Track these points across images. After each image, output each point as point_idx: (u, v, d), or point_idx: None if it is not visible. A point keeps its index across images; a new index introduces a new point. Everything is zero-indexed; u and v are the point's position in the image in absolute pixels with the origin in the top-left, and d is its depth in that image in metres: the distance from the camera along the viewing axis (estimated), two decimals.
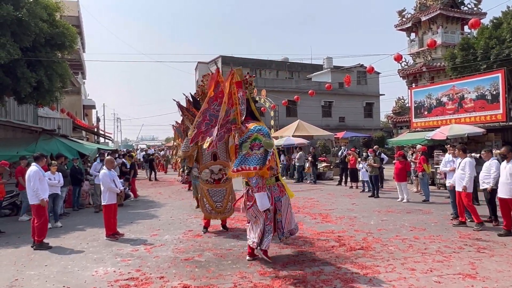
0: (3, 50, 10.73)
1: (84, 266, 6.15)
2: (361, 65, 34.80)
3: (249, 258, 6.21)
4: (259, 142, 5.79)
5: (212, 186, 8.24)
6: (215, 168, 8.21)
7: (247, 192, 6.09)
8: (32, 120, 17.40)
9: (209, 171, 8.22)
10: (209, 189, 8.24)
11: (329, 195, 13.60)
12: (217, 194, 8.25)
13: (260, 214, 5.91)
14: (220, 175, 8.23)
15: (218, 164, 8.20)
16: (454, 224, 8.40)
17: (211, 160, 8.22)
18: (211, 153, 8.09)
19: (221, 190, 8.27)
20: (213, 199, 8.21)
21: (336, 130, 30.99)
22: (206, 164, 8.26)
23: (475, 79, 15.97)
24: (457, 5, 24.80)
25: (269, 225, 6.00)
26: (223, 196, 8.26)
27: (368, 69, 17.29)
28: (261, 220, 5.92)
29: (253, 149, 5.77)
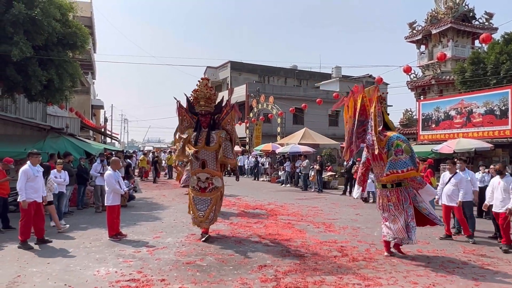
0: (16, 48, 10.88)
1: (86, 265, 6.17)
2: (370, 75, 34.83)
3: (387, 254, 6.90)
4: (400, 148, 6.54)
5: (197, 194, 8.00)
6: (202, 176, 7.93)
7: (387, 193, 6.80)
8: (41, 118, 17.58)
9: (196, 179, 7.99)
10: (194, 197, 8.03)
11: (333, 205, 13.55)
12: (201, 203, 7.96)
13: (399, 212, 6.65)
14: (207, 183, 7.93)
15: (205, 173, 7.92)
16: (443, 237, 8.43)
17: (199, 167, 7.97)
18: (199, 161, 7.92)
19: (205, 200, 7.94)
20: (197, 207, 7.95)
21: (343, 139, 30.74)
22: (194, 170, 8.05)
23: (484, 94, 15.93)
24: (469, 19, 24.79)
25: (412, 221, 6.63)
26: (207, 205, 7.91)
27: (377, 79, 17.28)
28: (402, 217, 6.61)
29: (397, 155, 6.53)
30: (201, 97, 8.04)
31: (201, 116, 8.10)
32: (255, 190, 18.05)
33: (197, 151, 7.80)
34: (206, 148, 7.90)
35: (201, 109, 8.05)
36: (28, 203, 7.24)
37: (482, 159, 14.88)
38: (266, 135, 29.86)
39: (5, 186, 8.71)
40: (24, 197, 7.19)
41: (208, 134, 7.94)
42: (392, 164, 6.52)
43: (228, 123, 8.27)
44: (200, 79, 8.30)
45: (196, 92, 8.13)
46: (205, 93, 8.06)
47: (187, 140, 8.04)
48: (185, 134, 8.15)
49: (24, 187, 7.21)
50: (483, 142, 14.51)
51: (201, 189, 7.95)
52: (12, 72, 11.68)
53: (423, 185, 6.77)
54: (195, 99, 8.13)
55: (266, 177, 23.41)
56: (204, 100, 8.03)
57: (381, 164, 6.80)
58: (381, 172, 6.80)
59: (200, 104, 8.03)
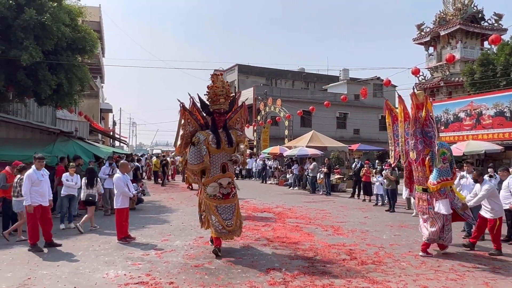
0: (26, 53, 11.02)
1: (95, 268, 6.21)
2: (378, 77, 34.63)
3: (422, 254, 7.09)
4: (445, 156, 6.80)
5: (221, 202, 7.11)
6: (224, 181, 7.13)
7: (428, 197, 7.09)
8: (50, 121, 17.75)
9: (217, 185, 7.10)
10: (217, 206, 7.09)
11: (342, 208, 13.48)
12: (226, 211, 7.12)
13: (438, 216, 6.94)
14: (229, 189, 7.19)
15: (227, 177, 7.19)
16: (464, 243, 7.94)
17: (220, 172, 7.16)
18: (220, 164, 7.16)
19: (230, 206, 7.18)
20: (222, 216, 7.04)
21: (351, 142, 30.78)
22: (214, 176, 7.12)
23: (494, 96, 15.78)
24: (478, 20, 24.60)
25: (449, 225, 7.07)
26: (233, 212, 7.17)
27: (385, 82, 17.23)
28: (440, 221, 6.95)
29: (444, 163, 6.80)
30: (221, 93, 7.23)
31: (218, 116, 7.27)
32: (262, 193, 18.03)
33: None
34: (227, 150, 7.23)
35: (220, 107, 7.24)
36: (34, 207, 7.26)
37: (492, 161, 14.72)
38: (273, 138, 29.86)
39: None
40: (29, 201, 7.22)
41: (228, 135, 7.25)
42: (442, 172, 6.79)
43: (237, 122, 7.74)
44: (213, 73, 7.48)
45: (214, 89, 7.25)
46: (226, 90, 7.33)
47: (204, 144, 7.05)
48: (200, 138, 7.11)
49: (29, 191, 7.24)
50: (493, 144, 14.36)
51: (225, 196, 7.14)
52: (23, 77, 11.83)
53: (443, 196, 6.93)
54: (213, 96, 7.25)
55: (274, 180, 23.37)
56: (224, 97, 7.27)
57: (424, 170, 7.06)
58: (422, 177, 7.11)
59: (221, 102, 7.23)
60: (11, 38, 11.39)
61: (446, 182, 6.82)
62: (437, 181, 6.79)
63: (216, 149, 7.09)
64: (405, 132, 7.33)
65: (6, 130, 12.20)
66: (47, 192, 7.67)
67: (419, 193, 7.31)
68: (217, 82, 7.28)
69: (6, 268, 6.20)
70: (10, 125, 12.16)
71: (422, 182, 7.17)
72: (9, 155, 10.44)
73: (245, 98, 11.89)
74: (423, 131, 7.11)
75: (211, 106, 7.32)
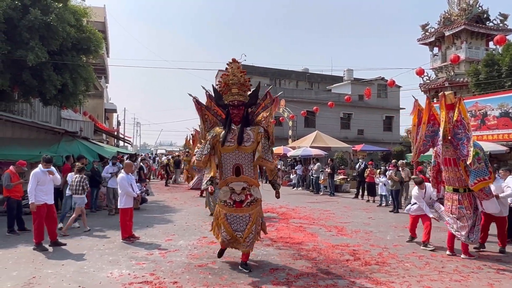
0: (32, 53, 11.08)
1: (100, 267, 6.24)
2: (382, 78, 34.54)
3: (449, 253, 7.24)
4: (479, 156, 6.75)
5: (231, 210, 6.15)
6: (237, 186, 6.13)
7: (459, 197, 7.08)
8: (55, 121, 17.83)
9: (228, 190, 6.16)
10: (227, 214, 6.16)
11: (345, 208, 13.46)
12: (238, 221, 6.13)
13: (469, 216, 6.98)
14: (243, 196, 6.14)
15: (241, 181, 6.16)
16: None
17: (232, 175, 6.18)
18: (232, 166, 6.19)
19: (243, 217, 6.12)
20: (232, 226, 6.13)
21: (355, 142, 30.74)
22: (226, 179, 6.23)
23: (499, 96, 15.69)
24: (483, 20, 24.47)
25: (479, 225, 7.14)
26: (245, 224, 6.11)
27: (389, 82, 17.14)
28: (471, 220, 6.97)
29: (479, 163, 6.74)
30: (233, 82, 6.31)
31: (232, 108, 6.28)
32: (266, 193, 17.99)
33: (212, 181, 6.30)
34: (240, 148, 6.14)
35: (233, 98, 6.28)
36: (39, 205, 7.33)
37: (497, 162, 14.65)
38: (277, 138, 29.59)
39: (19, 188, 8.88)
40: (33, 199, 7.29)
41: (241, 131, 6.17)
42: (478, 172, 6.74)
43: (264, 118, 6.47)
44: (231, 60, 6.45)
45: (226, 77, 6.36)
46: (239, 78, 6.33)
47: (214, 142, 6.25)
48: (210, 134, 6.37)
49: (34, 190, 7.30)
50: (498, 145, 14.28)
51: (237, 203, 6.13)
52: (28, 77, 11.89)
53: (489, 196, 6.99)
54: (224, 85, 6.38)
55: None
56: (237, 86, 6.31)
57: (455, 170, 7.07)
58: (453, 177, 7.10)
59: (232, 92, 6.30)
60: (17, 38, 11.46)
61: (483, 182, 6.75)
62: (474, 182, 6.74)
63: (229, 148, 6.13)
64: (424, 134, 7.28)
65: (12, 130, 12.29)
66: (52, 191, 7.74)
67: (449, 193, 7.27)
68: (232, 70, 6.34)
69: (12, 266, 6.24)
70: (15, 125, 12.24)
71: (453, 182, 7.15)
72: (15, 155, 10.53)
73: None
74: (453, 132, 7.02)
75: (225, 98, 6.38)
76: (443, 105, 7.00)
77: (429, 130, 7.29)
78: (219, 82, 6.51)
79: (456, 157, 7.00)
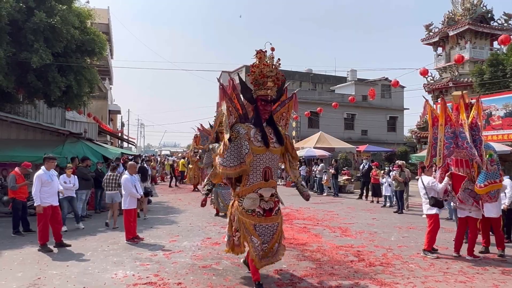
0: (36, 55, 11.15)
1: (104, 268, 6.25)
2: (386, 78, 34.46)
3: (455, 254, 7.17)
4: (492, 157, 6.77)
5: (261, 220, 5.32)
6: (266, 193, 5.37)
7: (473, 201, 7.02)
8: (60, 123, 17.92)
9: (257, 197, 5.33)
10: (256, 225, 5.31)
11: (349, 209, 13.43)
12: (266, 232, 5.37)
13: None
14: (272, 203, 5.42)
15: (270, 186, 5.44)
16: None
17: (261, 179, 5.37)
18: (262, 169, 5.36)
19: (272, 226, 5.42)
20: (261, 238, 5.34)
21: (358, 143, 30.67)
22: (253, 185, 5.35)
23: (503, 96, 15.64)
24: (487, 20, 24.36)
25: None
26: (272, 234, 5.43)
27: (393, 82, 17.13)
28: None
29: (492, 165, 6.75)
30: (269, 74, 5.42)
31: (262, 105, 5.46)
32: None
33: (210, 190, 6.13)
34: (273, 150, 5.49)
35: (268, 93, 5.45)
36: (44, 207, 7.37)
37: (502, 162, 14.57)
38: None
39: (24, 190, 8.91)
40: (39, 202, 7.31)
41: (276, 130, 5.58)
42: (489, 174, 6.71)
43: (283, 117, 6.04)
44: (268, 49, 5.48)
45: (261, 68, 5.40)
46: (277, 71, 5.52)
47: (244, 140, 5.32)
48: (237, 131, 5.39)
49: (38, 192, 7.33)
50: (503, 145, 14.23)
51: (267, 212, 5.37)
52: (33, 79, 11.97)
53: (493, 200, 6.94)
54: (260, 77, 5.42)
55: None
56: (273, 80, 5.47)
57: (467, 171, 7.04)
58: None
59: (267, 86, 5.44)
60: (22, 40, 11.55)
61: (494, 185, 6.73)
62: (485, 184, 6.71)
63: (259, 148, 5.34)
64: (444, 136, 7.07)
65: (17, 132, 12.36)
66: (57, 192, 7.77)
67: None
68: (265, 60, 5.43)
69: (17, 267, 6.27)
70: (20, 126, 12.31)
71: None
72: (20, 156, 10.58)
73: None
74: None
75: (256, 92, 5.52)
76: (462, 105, 6.95)
77: (448, 132, 7.07)
78: (252, 72, 5.49)
79: (469, 158, 6.94)
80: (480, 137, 6.79)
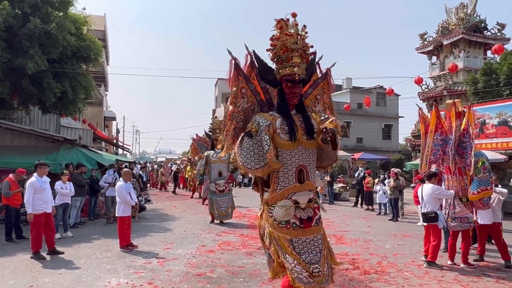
0: (31, 61, 11.12)
1: (97, 276, 6.20)
2: (381, 86, 34.67)
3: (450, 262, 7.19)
4: (485, 165, 6.83)
5: (298, 233, 4.12)
6: (302, 198, 4.17)
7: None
8: (54, 129, 17.83)
9: (292, 205, 4.14)
10: (293, 240, 4.10)
11: (344, 216, 13.44)
12: (309, 248, 4.11)
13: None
14: (311, 210, 4.23)
15: (306, 189, 4.21)
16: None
17: (295, 181, 4.14)
18: (295, 168, 4.13)
19: (315, 240, 4.18)
20: (303, 258, 4.04)
21: (353, 150, 30.75)
22: (285, 189, 4.14)
23: (497, 105, 15.75)
24: (480, 30, 24.65)
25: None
26: (319, 250, 4.17)
27: (388, 91, 17.25)
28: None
29: (484, 172, 6.83)
30: (294, 47, 4.13)
31: (288, 87, 4.21)
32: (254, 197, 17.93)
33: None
34: (306, 144, 4.19)
35: (295, 71, 4.16)
36: (37, 214, 7.31)
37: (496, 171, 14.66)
38: None
39: (18, 197, 8.85)
40: (31, 210, 7.25)
41: (306, 118, 4.27)
42: (481, 181, 6.80)
43: (318, 100, 4.80)
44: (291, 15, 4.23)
45: (284, 40, 4.12)
46: (303, 42, 4.21)
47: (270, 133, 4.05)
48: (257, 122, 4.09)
49: (31, 199, 7.27)
50: (496, 153, 14.32)
51: (305, 223, 4.17)
52: (27, 85, 11.92)
53: (486, 207, 7.03)
54: (282, 51, 4.14)
55: None
56: (299, 54, 4.18)
57: (459, 179, 7.08)
58: (457, 186, 7.09)
59: (293, 63, 4.16)
60: (17, 46, 11.51)
61: (486, 192, 6.83)
62: (477, 191, 6.80)
63: (288, 143, 4.11)
64: (433, 142, 7.21)
65: (11, 138, 12.29)
66: (50, 199, 7.72)
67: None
68: (287, 30, 4.18)
69: (9, 275, 6.21)
70: (14, 132, 12.25)
71: (456, 191, 7.12)
72: (14, 163, 10.52)
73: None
74: (459, 140, 7.04)
75: (278, 71, 4.30)
76: (453, 113, 7.04)
77: (437, 139, 7.22)
78: (272, 46, 4.23)
79: (461, 166, 7.00)
80: (471, 144, 6.84)
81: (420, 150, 7.93)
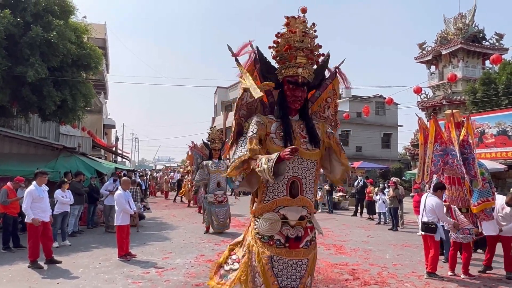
0: (32, 69, 11.15)
1: (95, 286, 6.14)
2: (380, 95, 34.76)
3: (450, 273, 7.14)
4: (484, 176, 6.80)
5: (280, 251, 3.73)
6: (292, 214, 3.78)
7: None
8: (53, 137, 17.83)
9: (278, 219, 3.78)
10: (273, 258, 3.71)
11: (344, 226, 13.38)
12: (289, 271, 3.73)
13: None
14: (301, 229, 3.82)
15: (299, 205, 3.80)
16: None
17: (284, 194, 3.76)
18: (288, 179, 3.75)
19: (298, 264, 3.76)
20: (279, 280, 3.69)
21: (353, 159, 30.69)
22: (273, 200, 3.80)
23: (496, 114, 15.82)
24: (479, 40, 24.83)
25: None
26: (300, 276, 3.76)
27: (387, 100, 17.26)
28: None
29: (484, 183, 6.79)
30: (299, 45, 3.81)
31: (290, 89, 3.87)
32: None
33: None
34: (304, 154, 3.83)
35: (298, 72, 3.82)
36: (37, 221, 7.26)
37: (496, 180, 14.66)
38: None
39: (16, 205, 8.79)
40: (32, 215, 7.20)
41: (310, 126, 3.94)
42: (482, 192, 6.77)
43: (327, 105, 4.32)
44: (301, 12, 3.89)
45: (287, 37, 3.83)
46: (310, 39, 3.88)
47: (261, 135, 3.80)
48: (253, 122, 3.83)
49: (29, 207, 7.22)
50: (496, 163, 14.33)
51: (291, 242, 3.76)
52: (28, 93, 11.94)
53: (489, 218, 6.95)
54: (285, 49, 3.83)
55: None
56: (305, 53, 3.85)
57: (459, 189, 7.10)
58: (457, 197, 7.12)
59: (297, 62, 3.83)
60: (18, 55, 11.55)
61: (487, 203, 6.79)
62: (478, 202, 6.79)
63: (277, 148, 3.69)
64: (433, 153, 7.15)
65: (10, 145, 12.26)
66: (48, 208, 7.67)
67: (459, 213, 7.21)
68: (297, 24, 3.85)
69: (6, 285, 6.15)
70: (13, 140, 12.22)
71: (456, 202, 7.17)
72: (13, 170, 10.48)
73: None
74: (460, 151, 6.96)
75: (281, 71, 3.97)
76: (452, 123, 7.04)
77: (437, 149, 7.17)
78: (275, 43, 3.93)
79: (461, 176, 6.97)
80: (473, 155, 6.82)
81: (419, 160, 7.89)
